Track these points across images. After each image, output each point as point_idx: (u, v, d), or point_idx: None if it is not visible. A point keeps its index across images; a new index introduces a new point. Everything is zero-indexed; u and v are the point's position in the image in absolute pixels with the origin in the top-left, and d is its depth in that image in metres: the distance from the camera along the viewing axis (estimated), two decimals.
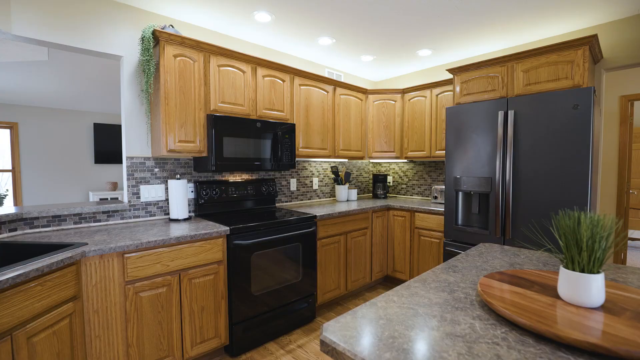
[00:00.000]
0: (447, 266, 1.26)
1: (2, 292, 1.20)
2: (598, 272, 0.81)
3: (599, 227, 0.79)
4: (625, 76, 3.91)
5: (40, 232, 1.96)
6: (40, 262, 1.37)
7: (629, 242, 5.68)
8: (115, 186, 6.36)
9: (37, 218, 1.96)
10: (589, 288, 0.80)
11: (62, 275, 1.47)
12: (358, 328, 0.78)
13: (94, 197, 6.17)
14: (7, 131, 5.74)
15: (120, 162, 6.68)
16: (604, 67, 2.69)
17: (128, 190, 2.30)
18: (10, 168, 5.76)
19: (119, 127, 6.65)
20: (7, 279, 1.19)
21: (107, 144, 6.54)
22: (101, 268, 1.66)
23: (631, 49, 2.57)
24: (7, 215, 1.79)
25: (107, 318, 1.70)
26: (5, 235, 1.81)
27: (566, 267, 0.85)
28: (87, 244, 1.68)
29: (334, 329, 0.77)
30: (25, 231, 1.92)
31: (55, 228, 2.03)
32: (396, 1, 2.28)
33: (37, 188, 5.86)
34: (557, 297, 0.88)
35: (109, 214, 2.22)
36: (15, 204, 5.70)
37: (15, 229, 1.87)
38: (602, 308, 0.81)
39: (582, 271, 0.82)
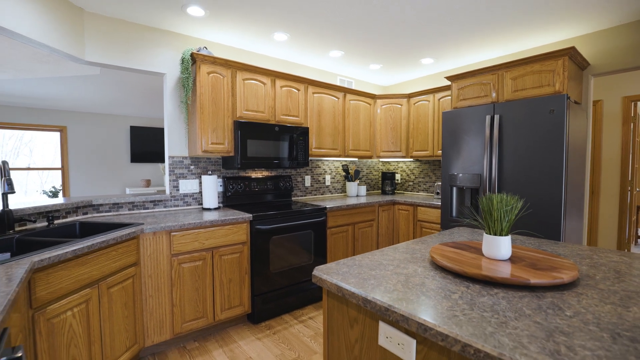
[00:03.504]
0: (418, 240, 1.63)
1: (94, 252, 1.67)
2: (506, 235, 1.16)
3: (504, 204, 1.14)
4: (627, 78, 4.06)
5: (104, 215, 2.47)
6: (115, 234, 1.85)
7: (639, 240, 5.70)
8: (148, 183, 7.00)
9: (102, 205, 2.47)
10: (498, 246, 1.15)
11: (127, 245, 1.95)
12: (338, 269, 1.17)
13: (129, 192, 6.83)
14: (58, 134, 6.49)
15: (153, 161, 7.34)
16: (591, 73, 2.93)
17: (169, 184, 2.79)
18: (60, 166, 6.51)
19: (153, 129, 7.30)
20: (96, 242, 1.67)
21: (141, 144, 7.20)
22: (154, 242, 2.13)
23: (615, 56, 2.80)
24: (82, 202, 2.30)
25: (158, 282, 2.17)
26: (81, 216, 2.33)
27: (486, 232, 1.20)
28: (143, 224, 2.16)
29: (322, 269, 1.17)
30: (94, 215, 2.43)
31: (114, 213, 2.53)
32: (398, 18, 2.64)
33: (82, 184, 6.58)
34: (482, 254, 1.24)
35: (155, 202, 2.71)
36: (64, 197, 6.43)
37: (86, 213, 2.39)
38: (509, 260, 1.16)
39: (495, 234, 1.17)
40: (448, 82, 4.03)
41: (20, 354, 0.83)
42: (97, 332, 1.71)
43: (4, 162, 1.72)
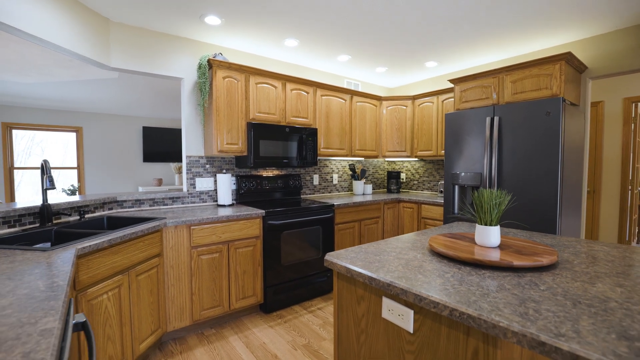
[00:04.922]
0: (420, 232, 1.78)
1: (125, 243, 1.86)
2: (495, 225, 1.31)
3: (493, 198, 1.29)
4: (628, 80, 4.15)
5: (127, 211, 2.66)
6: (142, 226, 2.03)
7: None
8: (160, 182, 7.22)
9: (125, 201, 2.66)
10: (488, 234, 1.30)
11: (152, 237, 2.13)
12: (347, 255, 1.33)
13: (142, 191, 7.05)
14: (74, 134, 6.74)
15: (165, 160, 7.57)
16: (589, 76, 3.04)
17: (187, 182, 2.97)
18: (76, 166, 6.77)
19: (164, 130, 7.53)
20: (127, 234, 1.85)
21: (153, 144, 7.43)
22: (175, 235, 2.31)
23: (612, 60, 2.91)
24: (108, 198, 2.50)
25: (179, 272, 2.35)
26: (107, 211, 2.52)
27: (478, 223, 1.35)
28: (166, 218, 2.34)
29: (332, 255, 1.33)
30: (118, 210, 2.62)
31: (137, 209, 2.72)
32: (402, 25, 2.79)
33: (97, 182, 6.83)
34: (475, 243, 1.38)
35: (174, 199, 2.90)
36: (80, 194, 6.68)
37: (112, 208, 2.58)
38: (498, 247, 1.31)
39: (486, 224, 1.32)
40: (451, 85, 4.16)
41: (85, 319, 1.00)
42: (128, 315, 1.89)
43: (45, 161, 1.91)
